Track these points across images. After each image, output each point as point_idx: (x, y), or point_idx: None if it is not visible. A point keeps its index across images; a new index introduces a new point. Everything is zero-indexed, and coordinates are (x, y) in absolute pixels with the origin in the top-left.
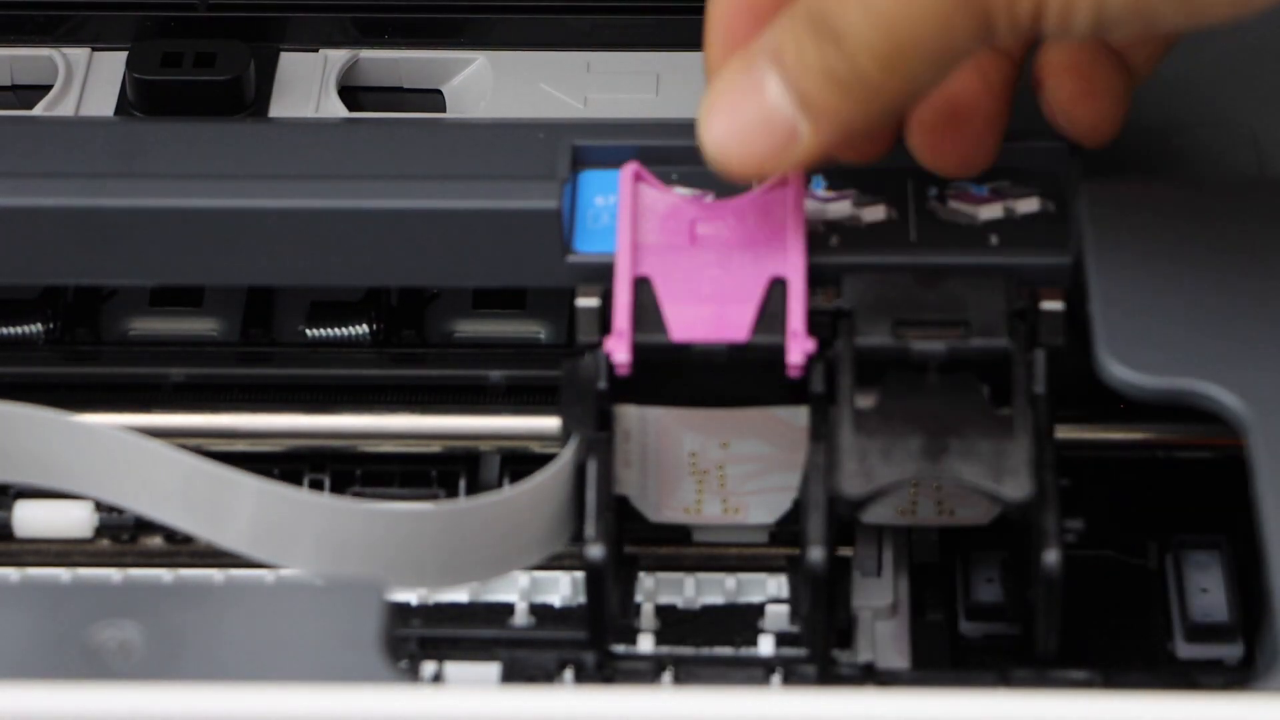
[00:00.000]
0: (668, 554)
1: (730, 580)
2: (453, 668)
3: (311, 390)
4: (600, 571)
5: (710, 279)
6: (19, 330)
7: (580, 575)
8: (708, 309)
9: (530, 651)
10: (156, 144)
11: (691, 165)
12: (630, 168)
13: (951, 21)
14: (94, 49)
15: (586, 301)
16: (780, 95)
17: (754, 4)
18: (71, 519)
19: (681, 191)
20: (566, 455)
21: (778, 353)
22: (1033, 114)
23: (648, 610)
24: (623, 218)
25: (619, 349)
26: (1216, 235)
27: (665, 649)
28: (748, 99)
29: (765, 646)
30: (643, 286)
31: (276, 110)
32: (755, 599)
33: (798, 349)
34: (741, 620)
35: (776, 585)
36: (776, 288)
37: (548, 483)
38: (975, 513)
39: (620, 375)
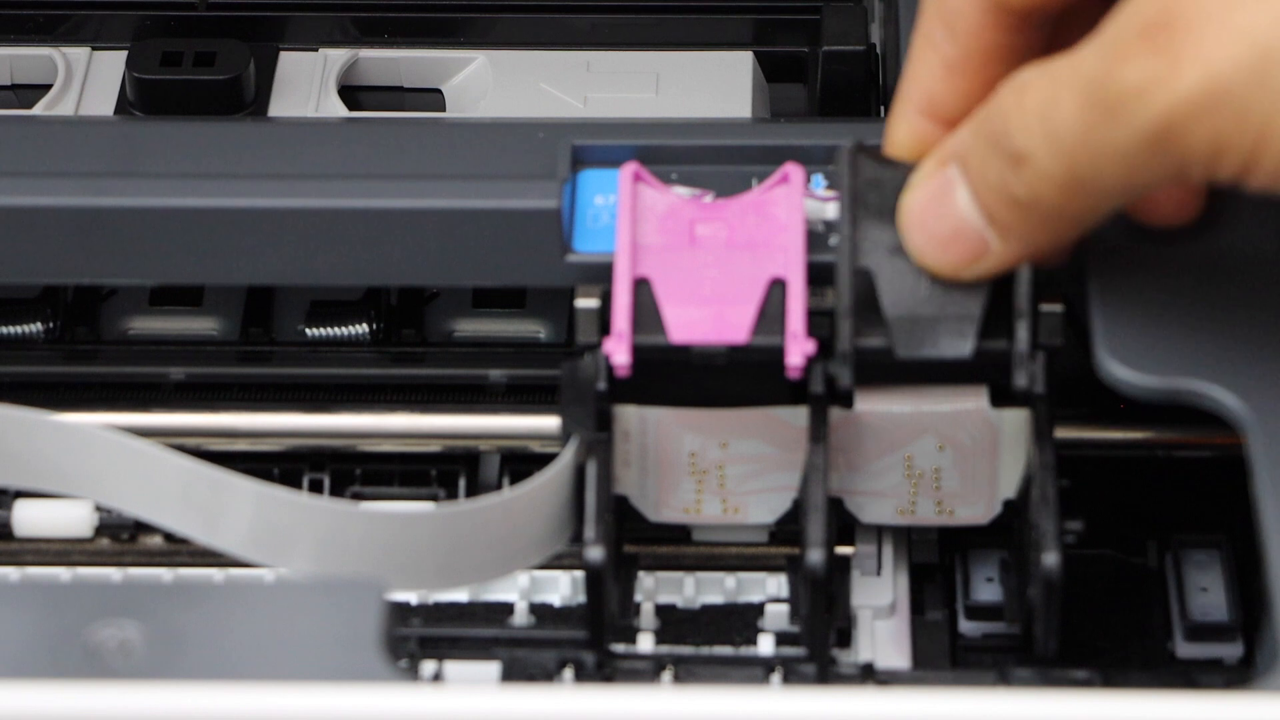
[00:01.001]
0: (667, 553)
1: (730, 580)
2: (452, 667)
3: (311, 390)
4: (600, 571)
5: (710, 280)
6: (19, 330)
7: (580, 575)
8: (707, 310)
9: (530, 651)
10: (156, 143)
11: (691, 165)
12: (630, 167)
13: (1137, 163)
14: (94, 48)
15: (586, 302)
16: (969, 207)
17: (952, 64)
18: (71, 518)
19: (681, 191)
20: (566, 456)
21: (777, 354)
22: None
23: (647, 610)
24: (622, 218)
25: (618, 350)
26: (1216, 234)
27: (665, 648)
28: (940, 208)
29: (765, 646)
30: (642, 287)
31: (276, 110)
32: (755, 598)
33: (797, 350)
34: (741, 620)
35: (776, 585)
36: (776, 288)
37: (547, 484)
38: (975, 512)
39: (620, 376)
